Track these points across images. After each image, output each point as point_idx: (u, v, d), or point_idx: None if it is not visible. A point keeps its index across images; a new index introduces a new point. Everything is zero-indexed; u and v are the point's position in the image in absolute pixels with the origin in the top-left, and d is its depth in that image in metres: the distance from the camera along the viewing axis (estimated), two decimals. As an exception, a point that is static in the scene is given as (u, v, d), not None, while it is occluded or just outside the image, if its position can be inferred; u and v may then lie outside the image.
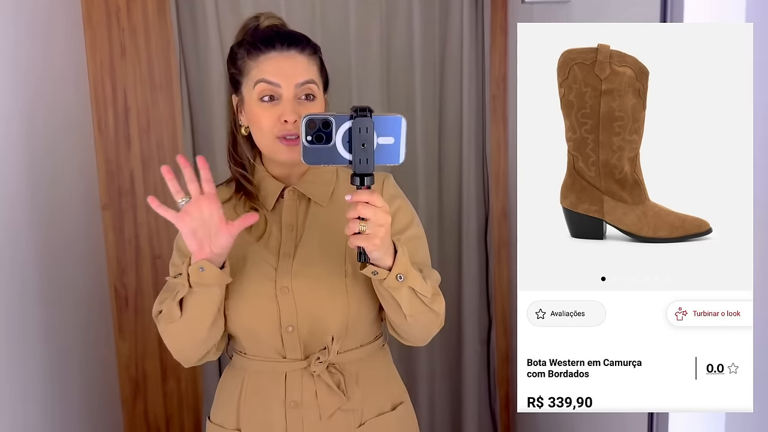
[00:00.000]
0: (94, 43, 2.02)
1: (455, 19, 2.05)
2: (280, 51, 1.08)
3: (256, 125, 1.09)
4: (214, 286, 1.02)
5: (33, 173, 1.60)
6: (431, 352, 2.20)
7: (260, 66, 1.08)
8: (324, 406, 1.11)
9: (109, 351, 2.11)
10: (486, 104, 2.10)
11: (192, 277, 1.00)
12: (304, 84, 1.08)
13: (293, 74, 1.07)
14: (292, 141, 1.06)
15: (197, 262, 0.99)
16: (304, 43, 1.11)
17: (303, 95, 1.08)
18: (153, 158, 2.09)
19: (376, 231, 0.91)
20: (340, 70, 2.01)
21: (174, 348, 1.11)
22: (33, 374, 1.55)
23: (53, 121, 1.75)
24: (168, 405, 2.21)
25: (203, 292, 1.02)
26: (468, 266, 2.13)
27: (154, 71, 2.06)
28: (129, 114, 2.07)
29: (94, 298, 1.99)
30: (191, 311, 1.04)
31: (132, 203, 2.10)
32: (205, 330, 1.07)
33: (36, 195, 1.61)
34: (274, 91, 1.07)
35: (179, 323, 1.05)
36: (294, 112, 1.06)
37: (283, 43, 1.09)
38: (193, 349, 1.11)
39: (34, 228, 1.59)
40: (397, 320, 1.07)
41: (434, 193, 2.15)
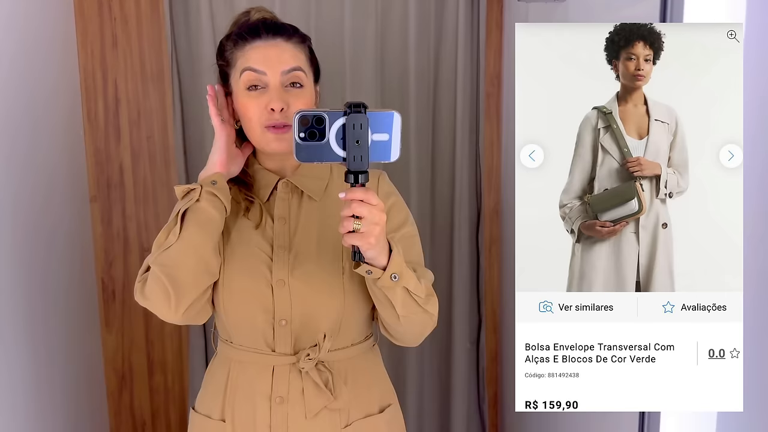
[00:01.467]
0: (85, 32, 2.00)
1: (450, 16, 2.04)
2: (265, 40, 1.08)
3: (244, 116, 1.08)
4: (221, 199, 1.04)
5: (20, 163, 1.58)
6: (421, 352, 2.20)
7: (246, 55, 1.07)
8: (310, 404, 1.09)
9: (95, 344, 2.09)
10: (480, 102, 2.10)
11: (204, 186, 1.04)
12: (291, 71, 1.07)
13: (279, 61, 1.06)
14: (281, 130, 1.05)
15: (210, 176, 1.06)
16: (291, 32, 1.10)
17: (290, 83, 1.07)
18: (143, 150, 2.07)
19: (371, 229, 0.90)
20: (334, 67, 2.00)
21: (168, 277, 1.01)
22: (17, 366, 1.53)
23: (42, 111, 1.73)
24: (154, 399, 2.19)
25: (211, 205, 1.03)
26: (459, 264, 2.13)
27: (145, 62, 2.03)
28: (119, 105, 2.04)
29: (80, 290, 1.97)
30: (194, 229, 1.03)
31: (121, 195, 2.07)
32: (208, 251, 1.03)
33: (23, 185, 1.59)
34: (260, 80, 1.06)
35: (178, 245, 1.01)
36: (281, 99, 1.05)
37: (269, 32, 1.08)
38: (188, 278, 1.02)
39: (21, 218, 1.57)
40: (390, 320, 1.06)
41: (426, 191, 2.14)
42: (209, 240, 1.04)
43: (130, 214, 2.08)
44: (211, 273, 1.06)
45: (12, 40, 1.57)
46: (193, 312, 1.07)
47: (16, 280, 1.53)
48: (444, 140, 2.12)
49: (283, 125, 1.05)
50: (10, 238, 1.51)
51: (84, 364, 1.97)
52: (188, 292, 1.03)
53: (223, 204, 1.05)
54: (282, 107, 1.04)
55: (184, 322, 1.08)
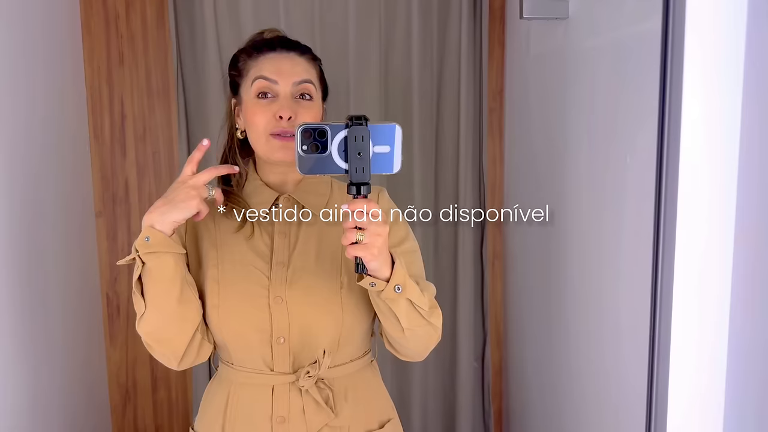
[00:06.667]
0: (92, 49, 2.02)
1: (453, 33, 2.06)
2: (279, 52, 1.10)
3: (251, 123, 1.08)
4: (163, 253, 0.99)
5: (27, 178, 1.59)
6: (425, 368, 2.19)
7: (259, 65, 1.09)
8: (311, 423, 1.09)
9: (100, 359, 2.09)
10: (483, 117, 2.11)
11: (140, 249, 0.99)
12: (302, 83, 1.08)
13: (291, 73, 1.08)
14: (286, 139, 1.06)
15: (141, 235, 0.99)
16: (304, 49, 1.13)
17: (299, 94, 1.09)
18: (148, 166, 2.09)
19: (373, 240, 0.90)
20: (338, 84, 2.02)
21: (155, 341, 1.06)
22: (20, 381, 1.53)
23: (49, 127, 1.74)
24: (158, 414, 2.19)
25: (156, 263, 0.99)
26: (463, 279, 2.13)
27: (151, 79, 2.06)
28: (125, 121, 2.06)
29: (85, 305, 1.97)
30: (152, 290, 1.02)
31: (126, 211, 2.09)
32: (173, 305, 1.03)
33: (29, 200, 1.60)
34: (271, 89, 1.08)
35: (148, 310, 1.03)
36: (290, 108, 1.06)
37: (283, 46, 1.11)
38: (170, 334, 1.06)
39: (26, 234, 1.58)
40: (395, 334, 1.05)
41: (431, 206, 2.15)
42: (170, 294, 1.03)
43: (135, 230, 2.09)
44: (189, 319, 1.07)
45: (20, 56, 1.59)
46: (192, 357, 1.11)
47: (20, 295, 1.54)
48: (447, 155, 2.13)
49: (290, 134, 1.06)
50: (15, 252, 1.52)
51: (88, 379, 1.97)
52: (179, 344, 1.07)
53: (168, 252, 1.00)
54: (290, 116, 1.06)
55: (192, 365, 1.12)
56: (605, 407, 1.31)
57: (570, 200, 1.50)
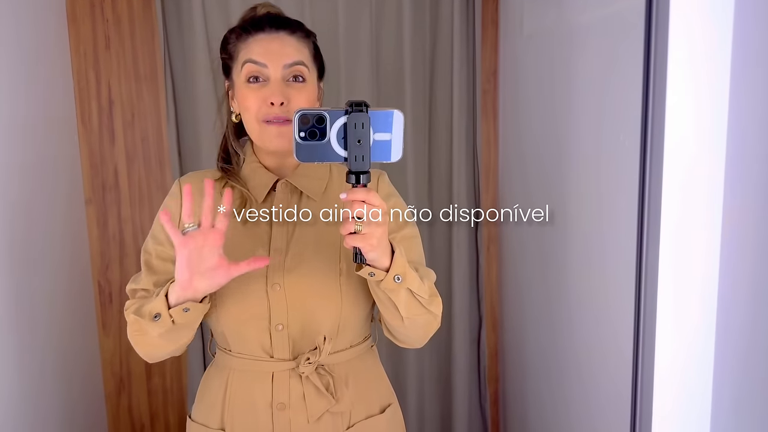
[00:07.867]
0: (78, 34, 1.98)
1: (446, 13, 2.03)
2: (268, 33, 1.07)
3: (244, 108, 1.06)
4: (193, 312, 0.97)
5: (15, 167, 1.57)
6: (421, 351, 2.19)
7: (248, 47, 1.06)
8: (312, 409, 1.08)
9: (93, 347, 2.07)
10: (477, 99, 2.08)
11: (175, 317, 0.96)
12: (293, 65, 1.05)
13: (281, 55, 1.05)
14: (282, 124, 1.03)
15: (182, 305, 0.95)
16: (295, 26, 1.09)
17: (291, 77, 1.06)
18: (137, 152, 2.06)
19: (372, 231, 0.88)
20: (328, 67, 1.96)
21: (142, 352, 1.08)
22: (13, 370, 1.51)
23: (36, 114, 1.71)
24: (152, 401, 2.18)
25: (185, 321, 0.98)
26: (458, 263, 2.11)
27: (138, 63, 2.02)
28: (113, 107, 2.03)
29: (77, 293, 1.95)
30: (169, 336, 1.01)
31: (116, 198, 2.06)
32: (182, 346, 1.07)
33: (17, 189, 1.57)
34: (261, 72, 1.05)
35: (154, 343, 1.04)
36: (281, 93, 1.03)
37: (272, 25, 1.07)
38: (163, 356, 1.10)
39: (16, 222, 1.56)
40: (394, 322, 1.04)
41: (424, 189, 2.13)
42: (184, 335, 1.04)
43: (125, 217, 2.07)
44: (185, 342, 1.08)
45: (4, 43, 1.55)
46: None
47: (11, 284, 1.52)
48: (441, 138, 2.11)
49: (283, 120, 1.03)
50: (5, 241, 1.50)
51: (81, 368, 1.96)
52: (163, 358, 1.10)
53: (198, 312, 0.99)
54: (282, 101, 1.03)
55: None
56: (601, 390, 1.31)
57: (565, 181, 1.48)
